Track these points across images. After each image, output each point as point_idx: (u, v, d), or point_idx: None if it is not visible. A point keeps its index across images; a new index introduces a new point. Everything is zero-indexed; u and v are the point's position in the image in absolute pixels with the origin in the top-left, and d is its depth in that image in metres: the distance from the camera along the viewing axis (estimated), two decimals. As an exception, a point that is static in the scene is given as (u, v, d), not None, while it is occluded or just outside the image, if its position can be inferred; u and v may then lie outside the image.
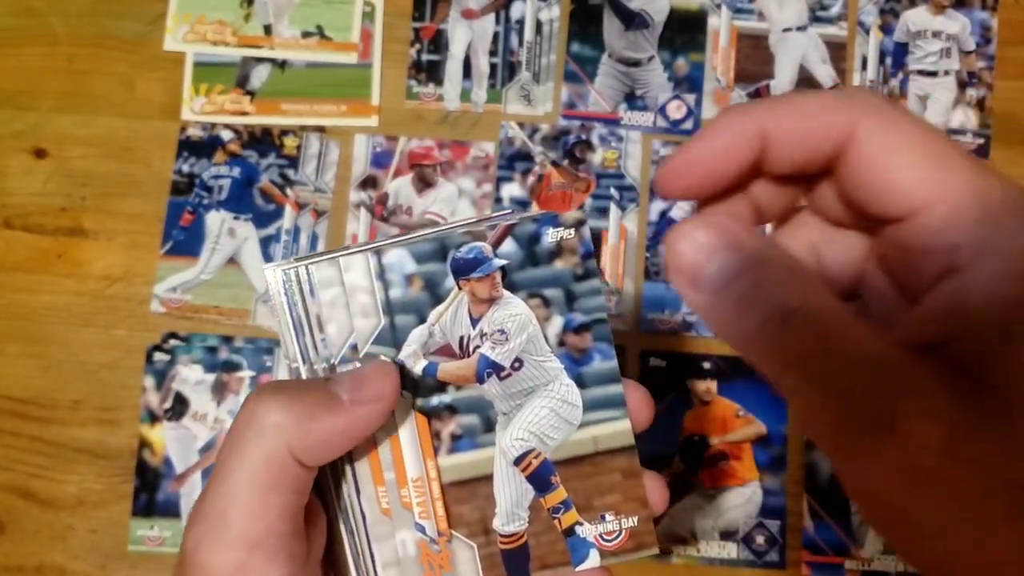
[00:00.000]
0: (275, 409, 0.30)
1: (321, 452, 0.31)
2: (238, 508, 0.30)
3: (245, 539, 0.29)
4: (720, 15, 0.72)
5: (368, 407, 0.32)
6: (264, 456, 0.30)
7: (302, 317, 0.35)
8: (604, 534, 0.36)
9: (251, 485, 0.30)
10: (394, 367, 0.33)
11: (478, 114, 0.71)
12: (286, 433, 0.30)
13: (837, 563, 0.65)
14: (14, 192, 0.70)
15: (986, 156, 0.71)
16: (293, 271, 0.35)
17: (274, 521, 0.30)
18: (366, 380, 0.32)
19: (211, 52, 0.72)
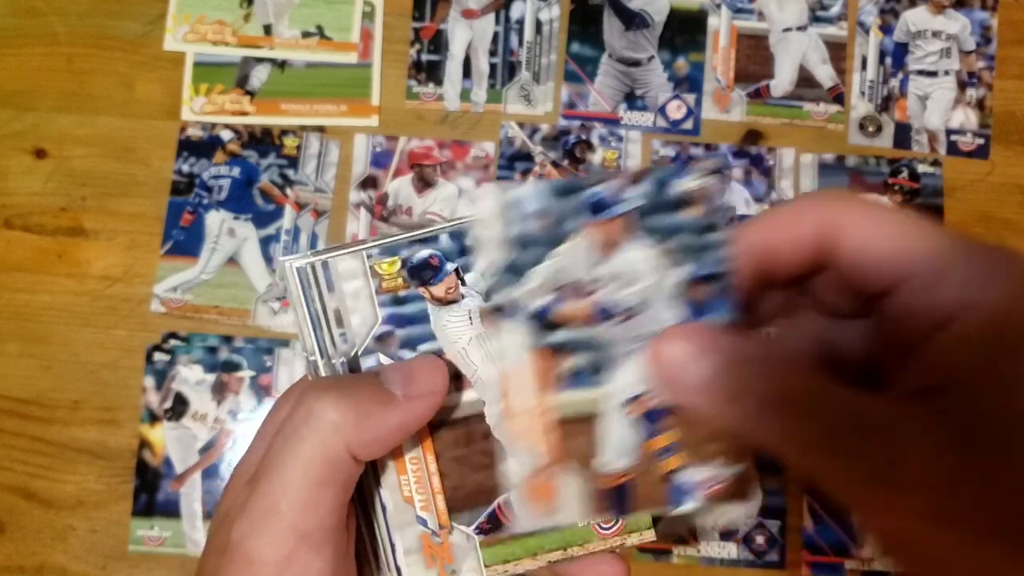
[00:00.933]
0: (332, 407, 0.31)
1: (375, 448, 0.32)
2: (291, 501, 0.30)
3: (295, 531, 0.30)
4: (720, 15, 0.72)
5: (421, 401, 0.32)
6: (321, 452, 0.30)
7: (319, 311, 0.35)
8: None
9: (306, 480, 0.30)
10: (442, 360, 0.34)
11: (478, 114, 0.71)
12: (343, 431, 0.30)
13: (837, 563, 0.65)
14: (14, 192, 0.70)
15: (986, 156, 0.71)
16: (310, 265, 0.35)
17: (324, 515, 0.30)
18: (417, 375, 0.33)
19: (211, 52, 0.72)
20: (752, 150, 0.70)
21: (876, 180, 0.70)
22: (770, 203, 0.69)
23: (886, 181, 0.70)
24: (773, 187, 0.70)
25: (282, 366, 0.67)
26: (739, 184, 0.70)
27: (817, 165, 0.70)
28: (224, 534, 0.31)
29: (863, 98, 0.71)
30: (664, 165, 0.36)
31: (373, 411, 0.31)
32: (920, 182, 0.70)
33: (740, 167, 0.70)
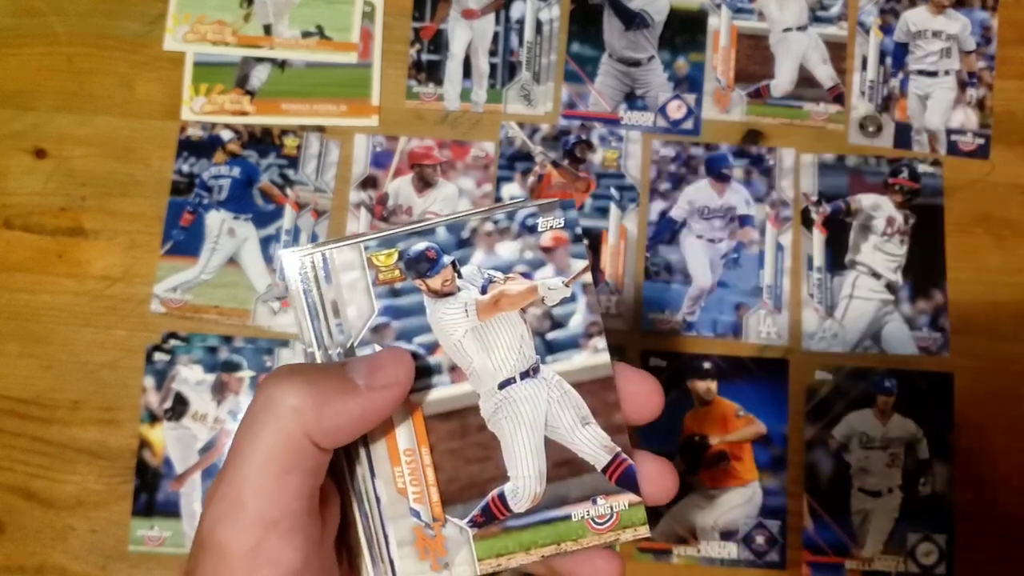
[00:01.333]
0: (292, 393, 0.31)
1: (337, 436, 0.32)
2: (255, 489, 0.30)
3: (262, 519, 0.30)
4: (720, 15, 0.72)
5: (383, 392, 0.32)
6: (282, 439, 0.30)
7: (317, 303, 0.35)
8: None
9: (268, 466, 0.30)
10: (408, 353, 0.34)
11: (478, 114, 0.71)
12: (303, 416, 0.30)
13: (837, 563, 0.65)
14: (14, 192, 0.70)
15: (986, 156, 0.71)
16: (309, 257, 0.35)
17: (290, 502, 0.30)
18: (381, 366, 0.33)
19: (211, 52, 0.72)
20: (752, 150, 0.70)
21: (876, 180, 0.70)
22: (770, 203, 0.69)
23: (886, 181, 0.70)
24: (773, 187, 0.70)
25: (283, 361, 0.67)
26: (739, 184, 0.70)
27: (817, 165, 0.70)
28: (200, 525, 0.31)
29: (863, 98, 0.71)
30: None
31: (334, 399, 0.31)
32: (920, 182, 0.70)
33: (740, 167, 0.70)
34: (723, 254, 0.69)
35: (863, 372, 0.67)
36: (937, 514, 0.65)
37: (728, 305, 0.68)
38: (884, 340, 0.68)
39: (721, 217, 0.69)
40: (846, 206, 0.70)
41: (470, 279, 0.35)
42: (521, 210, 0.36)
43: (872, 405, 0.67)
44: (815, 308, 0.68)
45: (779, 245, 0.69)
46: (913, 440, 0.66)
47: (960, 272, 0.68)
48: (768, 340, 0.68)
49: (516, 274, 0.36)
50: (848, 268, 0.69)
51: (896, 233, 0.69)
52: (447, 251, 0.35)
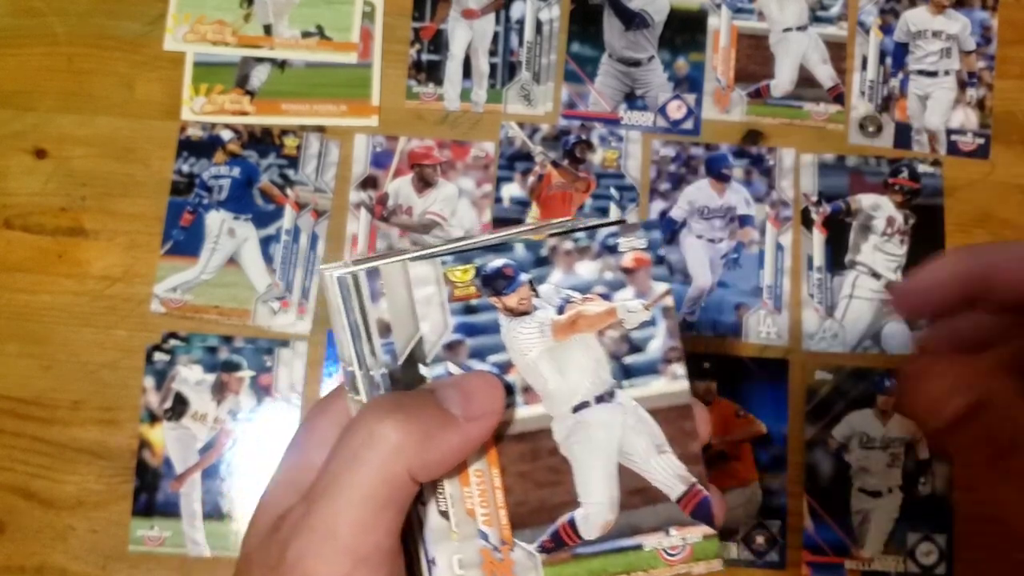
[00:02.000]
0: (393, 429, 0.30)
1: (436, 470, 0.31)
2: (350, 523, 0.30)
3: (353, 554, 0.30)
4: (720, 15, 0.72)
5: (480, 423, 0.32)
6: (383, 476, 0.30)
7: (359, 322, 0.34)
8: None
9: (366, 502, 0.30)
10: (497, 379, 0.33)
11: (478, 114, 0.71)
12: (405, 453, 0.30)
13: (837, 563, 0.65)
14: (14, 192, 0.70)
15: (986, 156, 0.71)
16: (350, 275, 0.34)
17: (382, 537, 0.30)
18: (475, 394, 0.32)
19: (211, 52, 0.72)
20: (752, 150, 0.70)
21: (876, 180, 0.70)
22: (770, 203, 0.69)
23: (886, 181, 0.70)
24: (773, 187, 0.70)
25: (282, 366, 0.67)
26: (739, 184, 0.70)
27: (817, 165, 0.70)
28: (277, 552, 0.31)
29: (863, 98, 0.71)
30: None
31: (434, 433, 0.31)
32: (920, 182, 0.70)
33: (740, 167, 0.70)
34: (723, 254, 0.69)
35: (863, 372, 0.67)
36: (937, 514, 0.65)
37: (728, 305, 0.68)
38: (884, 340, 0.68)
39: (721, 217, 0.69)
40: (846, 206, 0.70)
41: (547, 298, 0.35)
42: (603, 229, 0.35)
43: (872, 405, 0.67)
44: (815, 308, 0.68)
45: (779, 245, 0.69)
46: (913, 440, 0.66)
47: (960, 272, 0.68)
48: (768, 340, 0.68)
49: (595, 295, 0.35)
50: (848, 268, 0.69)
51: (896, 233, 0.69)
52: (525, 269, 0.34)
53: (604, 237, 0.35)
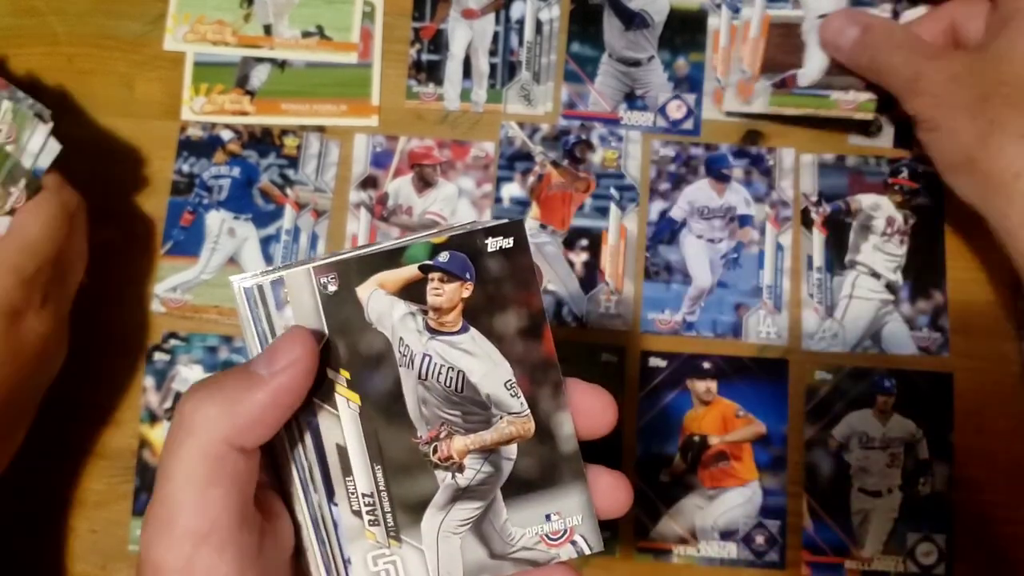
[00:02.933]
0: (201, 404, 0.31)
1: (255, 431, 0.32)
2: (180, 507, 0.30)
3: (191, 535, 0.30)
4: (720, 15, 0.72)
5: (286, 373, 0.32)
6: (199, 452, 0.31)
7: (267, 331, 0.34)
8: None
9: (190, 482, 0.30)
10: (305, 330, 0.33)
11: (478, 114, 0.71)
12: (217, 423, 0.31)
13: (837, 563, 0.65)
14: (14, 192, 0.70)
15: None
16: (256, 286, 0.34)
17: (218, 514, 0.30)
18: (277, 348, 0.33)
19: (211, 52, 0.72)
20: (752, 150, 0.70)
21: (876, 180, 0.70)
22: (770, 203, 0.69)
23: (886, 181, 0.70)
24: (773, 187, 0.70)
25: (282, 366, 0.67)
26: (739, 184, 0.70)
27: (817, 165, 0.70)
28: (140, 546, 0.32)
29: (863, 98, 0.71)
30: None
31: (241, 396, 0.31)
32: (920, 182, 0.70)
33: (740, 167, 0.70)
34: (723, 254, 0.69)
35: (863, 372, 0.67)
36: (937, 514, 0.65)
37: (728, 305, 0.68)
38: (884, 340, 0.68)
39: (721, 217, 0.69)
40: (846, 206, 0.70)
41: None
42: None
43: (872, 405, 0.67)
44: (815, 308, 0.68)
45: (779, 245, 0.69)
46: (913, 440, 0.66)
47: (960, 272, 0.68)
48: (768, 340, 0.68)
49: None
50: (848, 268, 0.69)
51: (896, 233, 0.69)
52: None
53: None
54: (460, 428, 0.35)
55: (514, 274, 0.35)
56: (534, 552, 0.36)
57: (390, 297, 0.35)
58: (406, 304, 0.35)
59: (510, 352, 0.36)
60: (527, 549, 0.36)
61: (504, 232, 0.35)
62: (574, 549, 0.36)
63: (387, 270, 0.35)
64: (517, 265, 0.36)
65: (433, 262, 0.35)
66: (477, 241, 0.35)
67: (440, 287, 0.35)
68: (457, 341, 0.35)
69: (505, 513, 0.36)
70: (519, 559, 0.36)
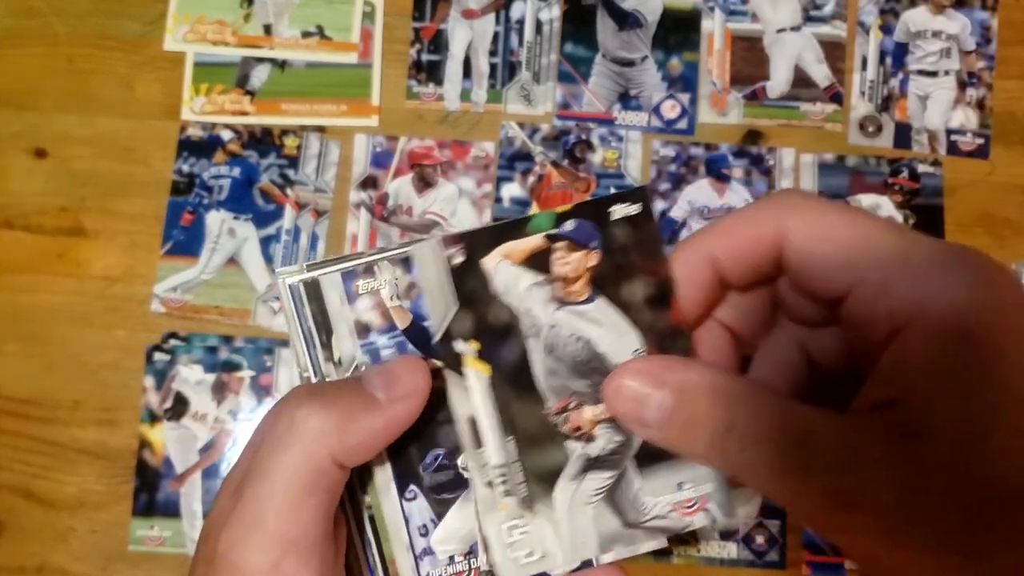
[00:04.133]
0: (315, 414, 0.30)
1: (361, 454, 0.32)
2: (275, 510, 0.30)
3: (281, 540, 0.30)
4: (714, 18, 0.72)
5: (404, 403, 0.32)
6: (305, 461, 0.30)
7: (312, 328, 0.34)
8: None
9: (289, 488, 0.30)
10: (422, 360, 0.33)
11: (478, 114, 0.71)
12: (328, 438, 0.30)
13: (837, 563, 0.65)
14: (14, 192, 0.70)
15: (986, 156, 0.71)
16: (301, 280, 0.34)
17: (309, 524, 0.30)
18: (398, 376, 0.32)
19: (211, 52, 0.72)
20: (752, 150, 0.70)
21: (876, 180, 0.70)
22: (770, 203, 0.69)
23: (886, 181, 0.70)
24: (773, 187, 0.70)
25: (282, 366, 0.67)
26: (739, 184, 0.70)
27: (817, 165, 0.70)
28: (211, 544, 0.31)
29: (863, 98, 0.71)
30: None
31: (356, 416, 0.31)
32: (920, 182, 0.70)
33: (740, 167, 0.70)
34: (723, 254, 0.69)
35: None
36: (937, 514, 0.65)
37: (728, 305, 0.68)
38: (884, 340, 0.68)
39: (721, 217, 0.69)
40: (846, 206, 0.70)
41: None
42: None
43: (872, 405, 0.66)
44: (815, 308, 0.68)
45: (779, 245, 0.69)
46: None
47: (960, 272, 0.68)
48: (768, 340, 0.67)
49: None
50: (848, 268, 0.69)
51: (896, 233, 0.69)
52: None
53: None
54: (589, 399, 0.35)
55: (640, 242, 0.34)
56: (668, 520, 0.35)
57: (516, 268, 0.34)
58: (533, 274, 0.35)
59: (638, 320, 0.35)
60: (660, 518, 0.35)
61: (630, 200, 0.35)
62: (707, 517, 0.36)
63: (513, 240, 0.34)
64: (643, 233, 0.35)
65: (559, 231, 0.34)
66: (602, 209, 0.35)
67: (566, 256, 0.34)
68: (584, 311, 0.34)
69: (637, 482, 0.35)
70: (653, 527, 0.35)
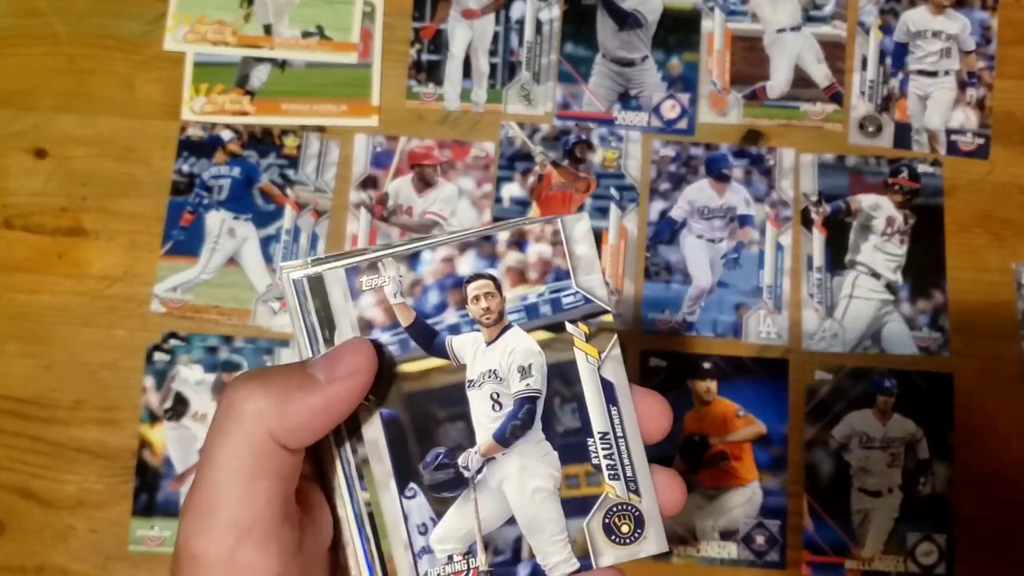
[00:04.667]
0: (252, 396, 0.30)
1: (302, 434, 0.31)
2: (224, 497, 0.30)
3: (234, 527, 0.29)
4: (714, 18, 0.72)
5: (344, 383, 0.32)
6: (247, 443, 0.30)
7: (315, 323, 0.34)
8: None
9: (235, 473, 0.30)
10: (367, 342, 0.33)
11: (478, 114, 0.71)
12: (266, 418, 0.30)
13: (837, 563, 0.65)
14: (14, 192, 0.70)
15: (986, 156, 0.71)
16: (305, 275, 0.34)
17: (262, 508, 0.30)
18: (340, 357, 0.32)
19: (211, 52, 0.72)
20: (752, 150, 0.70)
21: (876, 180, 0.70)
22: (770, 203, 0.69)
23: (886, 181, 0.70)
24: (773, 187, 0.70)
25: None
26: (739, 184, 0.70)
27: (817, 165, 0.70)
28: (177, 537, 0.31)
29: (863, 98, 0.71)
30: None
31: (294, 396, 0.31)
32: (920, 182, 0.70)
33: (740, 167, 0.70)
34: (723, 254, 0.69)
35: (863, 372, 0.67)
36: (937, 514, 0.65)
37: (728, 305, 0.68)
38: (884, 340, 0.68)
39: (721, 217, 0.69)
40: (846, 206, 0.70)
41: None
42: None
43: (872, 405, 0.67)
44: (815, 308, 0.68)
45: (779, 245, 0.69)
46: (913, 440, 0.66)
47: (960, 272, 0.68)
48: (768, 340, 0.68)
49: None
50: (848, 268, 0.69)
51: (896, 233, 0.69)
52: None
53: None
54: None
55: None
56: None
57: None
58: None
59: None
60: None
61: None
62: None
63: None
64: None
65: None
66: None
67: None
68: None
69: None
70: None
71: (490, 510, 0.35)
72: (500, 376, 0.35)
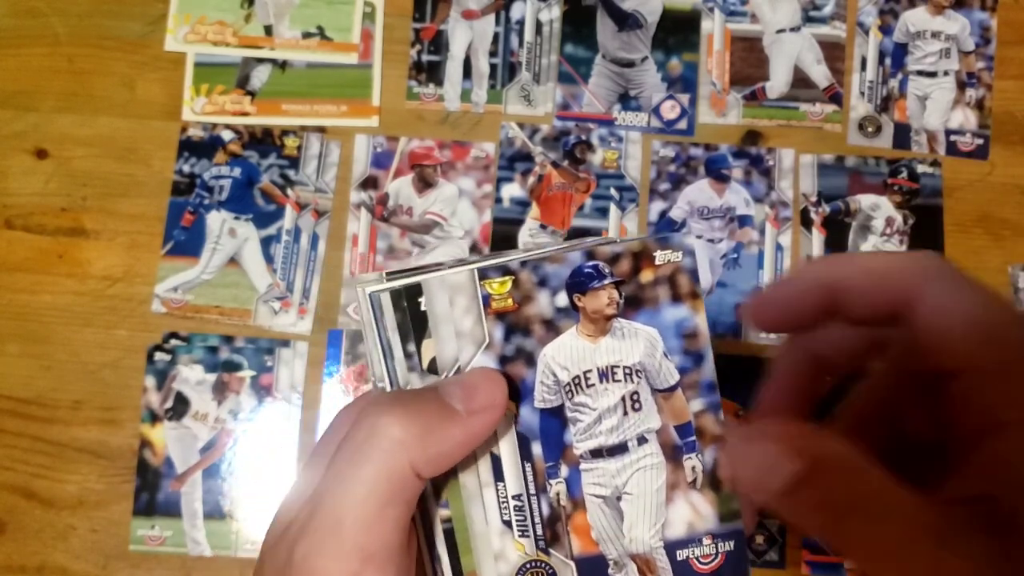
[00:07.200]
0: (396, 423, 0.30)
1: (439, 464, 0.31)
2: (355, 520, 0.30)
3: (360, 551, 0.29)
4: (713, 19, 0.72)
5: (483, 416, 0.32)
6: (386, 472, 0.30)
7: (390, 339, 0.34)
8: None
9: (370, 498, 0.30)
10: (500, 373, 0.33)
11: (478, 114, 0.71)
12: (409, 448, 0.30)
13: (837, 563, 0.65)
14: (15, 192, 0.70)
15: (985, 157, 0.71)
16: (382, 291, 0.33)
17: (388, 534, 0.30)
18: (477, 389, 0.32)
19: (212, 52, 0.72)
20: (751, 150, 0.70)
21: (876, 180, 0.70)
22: (770, 204, 0.70)
23: (886, 181, 0.70)
24: (773, 187, 0.70)
25: (282, 366, 0.67)
26: (739, 184, 0.70)
27: (816, 165, 0.70)
28: (285, 553, 0.30)
29: (862, 98, 0.72)
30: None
31: (436, 427, 0.31)
32: (920, 182, 0.70)
33: (740, 167, 0.70)
34: (722, 254, 0.69)
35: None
36: (936, 514, 0.65)
37: (728, 305, 0.68)
38: (883, 340, 0.68)
39: (720, 217, 0.70)
40: (845, 206, 0.70)
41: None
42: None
43: (871, 405, 0.67)
44: (814, 308, 0.68)
45: (779, 245, 0.69)
46: (912, 440, 0.66)
47: (959, 272, 0.68)
48: (768, 340, 0.68)
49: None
50: (847, 268, 0.69)
51: (895, 233, 0.69)
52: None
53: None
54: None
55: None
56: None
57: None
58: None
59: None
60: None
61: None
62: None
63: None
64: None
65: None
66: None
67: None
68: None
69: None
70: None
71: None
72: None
